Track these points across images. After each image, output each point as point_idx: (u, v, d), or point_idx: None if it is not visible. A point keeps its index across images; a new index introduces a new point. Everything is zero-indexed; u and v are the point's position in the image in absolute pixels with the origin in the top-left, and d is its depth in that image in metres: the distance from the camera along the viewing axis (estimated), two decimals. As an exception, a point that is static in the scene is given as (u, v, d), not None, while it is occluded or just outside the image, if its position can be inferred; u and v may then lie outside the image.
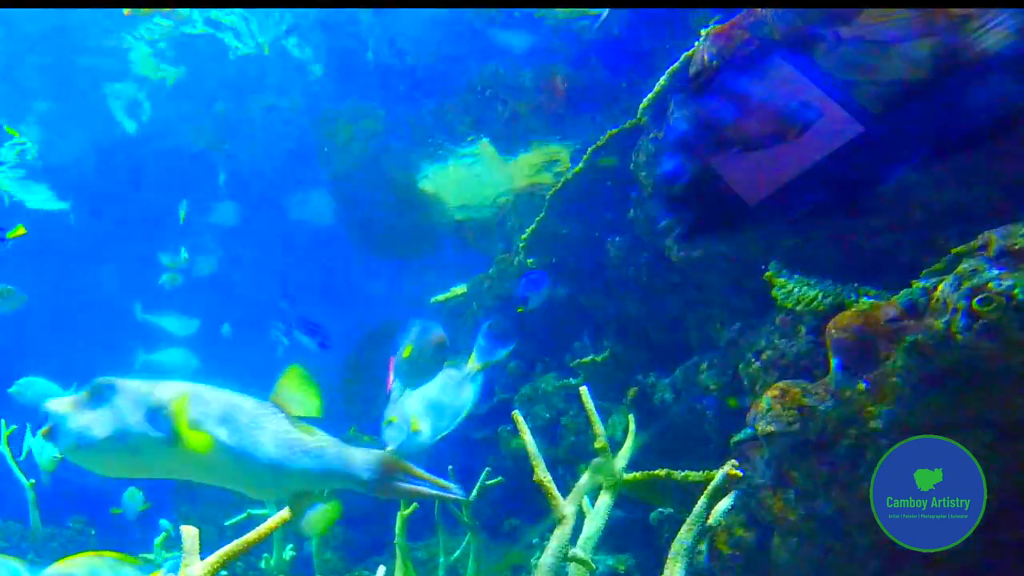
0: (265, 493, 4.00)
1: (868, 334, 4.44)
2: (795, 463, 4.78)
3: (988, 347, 3.84)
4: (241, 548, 2.65)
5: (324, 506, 3.95)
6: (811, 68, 4.86)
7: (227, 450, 3.64)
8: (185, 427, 3.53)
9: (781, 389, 4.89)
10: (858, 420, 4.39)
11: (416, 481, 3.97)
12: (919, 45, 4.38)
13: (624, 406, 7.57)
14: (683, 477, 5.02)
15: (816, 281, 5.31)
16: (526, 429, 4.07)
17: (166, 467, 3.72)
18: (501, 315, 9.99)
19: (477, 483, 6.88)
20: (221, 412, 3.71)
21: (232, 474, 3.80)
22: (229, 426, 3.68)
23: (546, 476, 3.98)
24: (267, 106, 13.61)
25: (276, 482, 3.83)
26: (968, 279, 3.91)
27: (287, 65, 12.74)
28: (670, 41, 7.81)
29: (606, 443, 4.35)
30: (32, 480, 9.38)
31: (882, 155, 4.73)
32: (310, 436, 3.83)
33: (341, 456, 3.90)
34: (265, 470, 3.75)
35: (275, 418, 3.83)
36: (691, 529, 3.72)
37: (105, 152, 14.39)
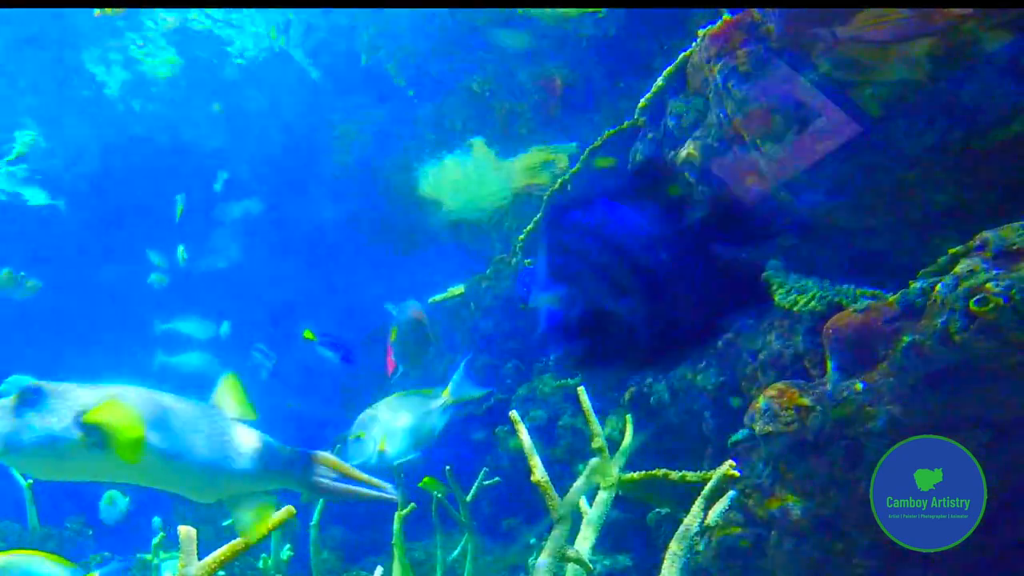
0: (203, 495, 3.96)
1: (865, 334, 4.45)
2: (792, 463, 4.78)
3: (986, 347, 3.84)
4: (239, 548, 2.65)
5: (258, 505, 3.90)
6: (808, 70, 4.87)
7: (159, 453, 3.56)
8: (113, 432, 3.49)
9: (779, 389, 4.90)
10: (856, 420, 4.39)
11: (352, 482, 3.94)
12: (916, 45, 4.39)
13: (621, 407, 7.57)
14: (680, 477, 5.04)
15: (814, 282, 5.31)
16: (524, 429, 4.08)
17: (99, 471, 3.66)
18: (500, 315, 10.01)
19: (475, 483, 6.89)
20: (152, 416, 3.64)
21: (166, 477, 3.74)
22: (161, 430, 3.60)
23: (544, 476, 3.98)
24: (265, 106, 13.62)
25: (212, 484, 3.77)
26: (965, 280, 3.92)
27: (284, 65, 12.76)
28: (668, 42, 7.82)
29: (604, 443, 4.36)
30: (30, 480, 9.36)
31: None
32: (248, 437, 3.80)
33: (277, 456, 3.87)
34: (200, 472, 3.70)
35: (211, 421, 3.78)
36: (689, 529, 3.73)
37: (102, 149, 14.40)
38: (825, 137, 4.88)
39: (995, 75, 4.30)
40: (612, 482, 4.38)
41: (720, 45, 5.38)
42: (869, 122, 4.71)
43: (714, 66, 5.45)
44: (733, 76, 5.26)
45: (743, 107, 5.22)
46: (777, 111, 4.99)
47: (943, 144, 4.57)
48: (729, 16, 5.41)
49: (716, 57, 5.39)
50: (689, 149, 5.91)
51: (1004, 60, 4.27)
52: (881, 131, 4.70)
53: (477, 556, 6.82)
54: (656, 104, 6.63)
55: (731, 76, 5.28)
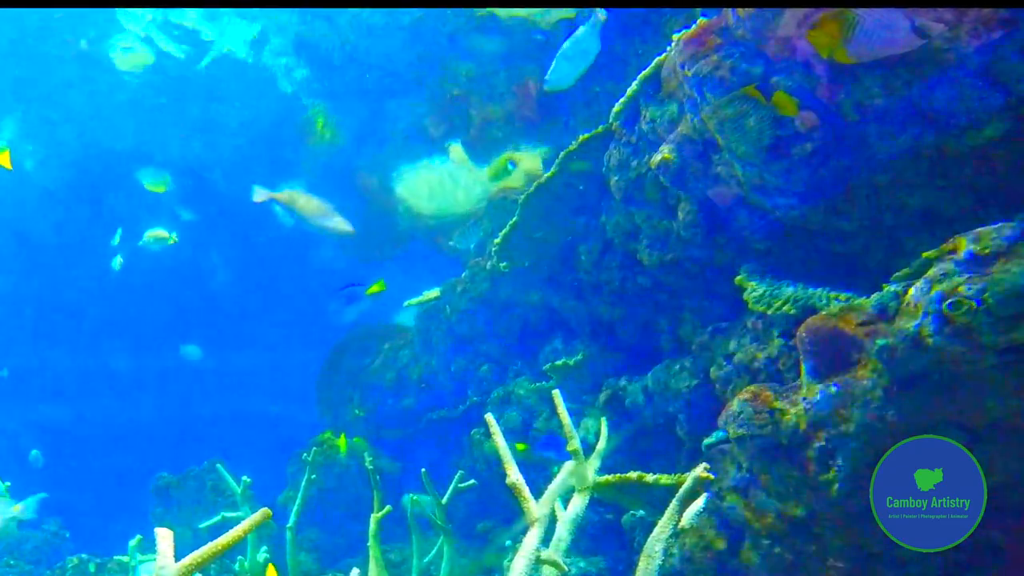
0: None
1: (839, 338, 4.47)
2: (766, 466, 4.80)
3: (959, 350, 3.87)
4: (216, 551, 2.65)
5: None
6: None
7: None
8: None
9: (752, 392, 4.92)
10: (829, 423, 4.41)
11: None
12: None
13: (596, 409, 7.59)
14: (655, 480, 5.06)
15: (788, 285, 5.33)
16: (499, 432, 4.09)
17: None
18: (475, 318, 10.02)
19: (450, 486, 6.90)
20: None
21: None
22: None
23: (519, 479, 3.99)
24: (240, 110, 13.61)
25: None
26: (939, 283, 3.94)
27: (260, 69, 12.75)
28: (642, 46, 7.84)
29: (579, 446, 4.37)
30: (7, 483, 9.35)
31: None
32: None
33: None
34: None
35: None
36: (663, 532, 3.75)
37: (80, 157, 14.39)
38: (798, 141, 4.91)
39: (968, 79, 4.33)
40: (587, 485, 4.39)
41: (694, 49, 5.39)
42: (843, 126, 4.74)
43: (688, 70, 5.46)
44: (707, 80, 5.28)
45: (717, 111, 5.24)
46: (750, 115, 5.01)
47: (916, 148, 4.60)
48: (704, 20, 5.42)
49: (690, 61, 5.41)
50: (664, 153, 5.93)
51: (977, 64, 4.29)
52: (854, 135, 4.73)
53: (452, 558, 6.83)
54: (631, 108, 6.64)
55: (705, 80, 5.30)
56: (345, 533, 9.78)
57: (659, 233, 6.53)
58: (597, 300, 7.70)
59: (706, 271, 6.39)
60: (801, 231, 5.36)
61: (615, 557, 7.38)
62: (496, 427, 4.10)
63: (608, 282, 7.42)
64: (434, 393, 11.01)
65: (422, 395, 11.24)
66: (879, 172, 4.77)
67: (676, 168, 5.88)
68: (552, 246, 8.14)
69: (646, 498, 5.99)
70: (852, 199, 4.96)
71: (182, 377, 18.00)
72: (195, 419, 17.80)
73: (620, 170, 6.70)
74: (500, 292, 9.33)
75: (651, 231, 6.61)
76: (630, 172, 6.60)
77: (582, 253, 7.62)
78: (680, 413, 6.62)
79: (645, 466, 5.76)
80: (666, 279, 6.76)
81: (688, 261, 6.42)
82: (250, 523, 2.69)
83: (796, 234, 5.44)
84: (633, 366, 7.47)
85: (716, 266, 6.19)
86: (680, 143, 5.86)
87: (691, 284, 6.59)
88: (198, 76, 13.07)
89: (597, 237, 7.47)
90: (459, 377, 10.63)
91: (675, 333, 6.94)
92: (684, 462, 6.47)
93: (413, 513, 7.07)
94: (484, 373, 10.10)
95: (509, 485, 3.98)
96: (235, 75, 13.19)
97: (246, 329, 18.68)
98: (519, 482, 3.98)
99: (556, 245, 8.08)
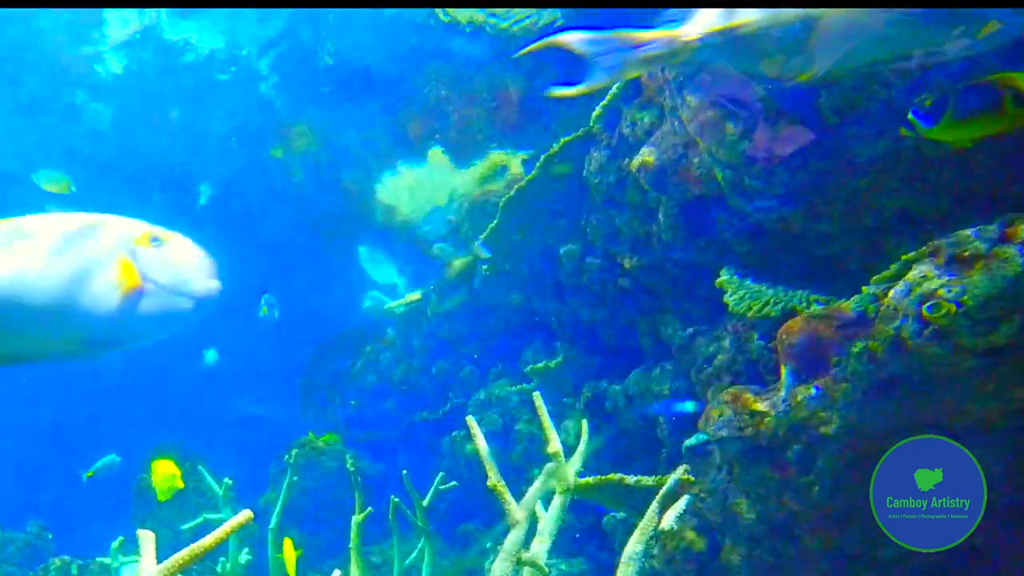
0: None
1: (819, 340, 4.48)
2: (747, 468, 4.81)
3: (938, 353, 3.88)
4: (198, 552, 2.64)
5: None
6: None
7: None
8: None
9: (733, 395, 4.93)
10: (809, 426, 4.43)
11: None
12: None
13: (577, 411, 7.60)
14: (636, 482, 5.05)
15: (768, 287, 5.34)
16: (480, 434, 4.08)
17: None
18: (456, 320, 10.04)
19: (431, 488, 6.90)
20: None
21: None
22: None
23: (500, 481, 3.99)
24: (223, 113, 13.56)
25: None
26: (918, 285, 3.95)
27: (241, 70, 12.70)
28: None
29: (559, 448, 4.37)
30: None
31: None
32: None
33: None
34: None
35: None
36: (643, 534, 3.75)
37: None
38: (778, 145, 4.91)
39: (949, 82, 4.35)
40: (568, 487, 4.39)
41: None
42: (822, 130, 4.75)
43: (669, 73, 5.48)
44: (688, 83, 5.29)
45: (697, 115, 5.25)
46: (731, 119, 5.02)
47: (895, 151, 4.61)
48: (683, 25, 5.43)
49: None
50: (644, 156, 5.94)
51: (957, 68, 4.31)
52: (833, 138, 4.74)
53: (434, 560, 6.83)
54: (612, 111, 6.66)
55: (685, 83, 5.31)
56: (326, 535, 9.77)
57: (640, 235, 6.54)
58: (578, 302, 7.72)
59: (687, 273, 6.40)
60: (781, 234, 5.37)
61: (596, 559, 7.40)
62: (477, 430, 4.10)
63: (589, 284, 7.44)
64: (416, 395, 11.03)
65: (404, 397, 11.26)
66: (858, 175, 4.78)
67: (656, 171, 5.89)
68: (533, 249, 8.15)
69: (627, 500, 5.99)
70: (831, 202, 4.97)
71: (167, 378, 17.94)
72: (177, 421, 17.73)
73: (601, 173, 6.72)
74: (481, 295, 9.35)
75: (632, 234, 6.62)
76: (611, 175, 6.62)
77: (563, 255, 7.63)
78: (661, 415, 6.64)
79: (626, 468, 5.77)
80: (647, 281, 6.78)
81: (669, 263, 6.43)
82: (232, 525, 2.68)
83: (776, 236, 5.44)
84: (614, 368, 7.49)
85: (697, 268, 6.20)
86: (660, 146, 5.87)
87: (672, 286, 6.60)
88: (178, 77, 13.02)
89: (578, 239, 7.48)
90: (441, 379, 10.65)
91: (656, 335, 6.95)
92: (665, 464, 6.48)
93: (395, 515, 7.07)
94: (466, 375, 10.13)
95: (490, 487, 3.98)
96: (216, 75, 13.15)
97: (230, 329, 18.64)
98: (500, 484, 3.98)
99: (537, 248, 8.09)
